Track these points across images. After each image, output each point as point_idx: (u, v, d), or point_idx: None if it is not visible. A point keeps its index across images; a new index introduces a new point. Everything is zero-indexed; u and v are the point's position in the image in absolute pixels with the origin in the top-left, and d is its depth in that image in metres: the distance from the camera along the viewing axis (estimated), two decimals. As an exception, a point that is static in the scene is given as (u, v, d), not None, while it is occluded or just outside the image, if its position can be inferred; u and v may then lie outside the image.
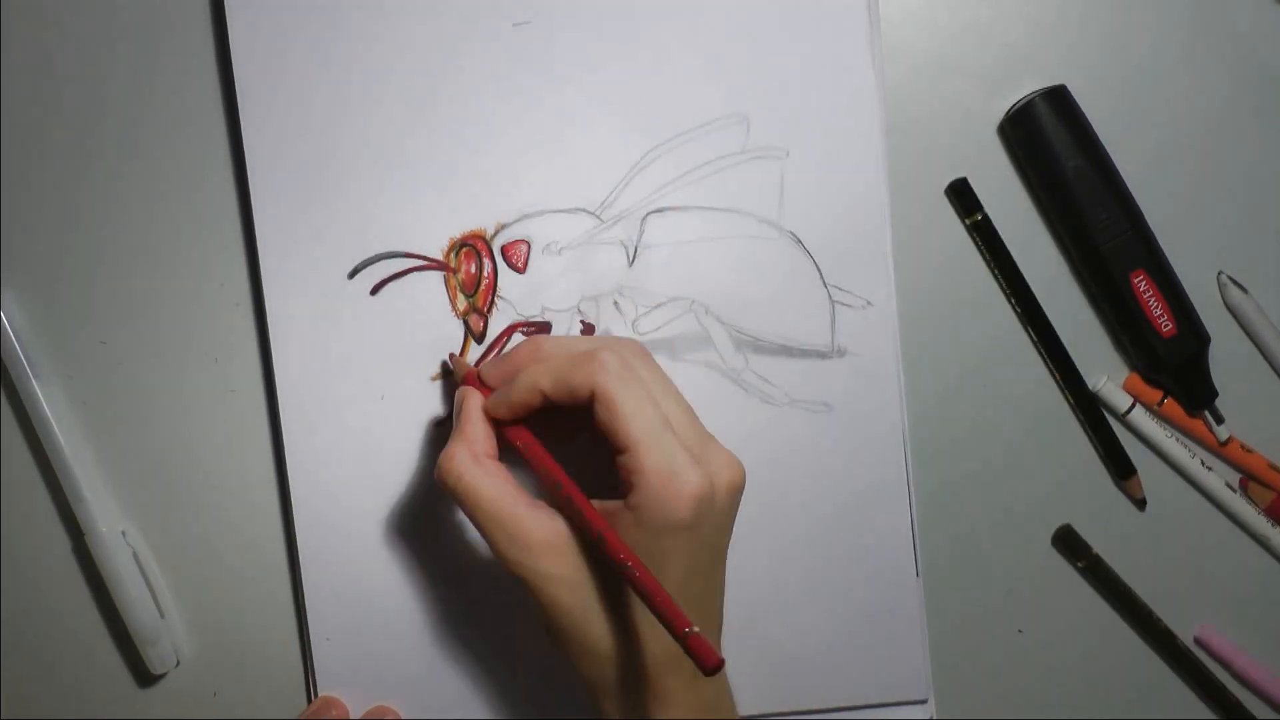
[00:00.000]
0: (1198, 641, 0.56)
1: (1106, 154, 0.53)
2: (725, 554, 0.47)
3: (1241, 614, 0.56)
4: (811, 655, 0.54)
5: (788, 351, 0.53)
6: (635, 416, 0.44)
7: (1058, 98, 0.53)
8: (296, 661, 0.54)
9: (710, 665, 0.41)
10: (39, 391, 0.53)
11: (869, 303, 0.53)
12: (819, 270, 0.53)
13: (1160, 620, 0.55)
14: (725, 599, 0.48)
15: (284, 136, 0.52)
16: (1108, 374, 0.54)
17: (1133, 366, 0.55)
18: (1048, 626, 0.56)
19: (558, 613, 0.45)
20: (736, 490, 0.46)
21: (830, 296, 0.53)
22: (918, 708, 0.54)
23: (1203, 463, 0.55)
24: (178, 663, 0.55)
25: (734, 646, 0.51)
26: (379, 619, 0.53)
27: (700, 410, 0.52)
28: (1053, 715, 0.56)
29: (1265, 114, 0.54)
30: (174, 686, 0.55)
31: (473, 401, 0.48)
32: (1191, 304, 0.54)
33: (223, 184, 0.53)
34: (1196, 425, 0.55)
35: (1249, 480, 0.55)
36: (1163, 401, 0.54)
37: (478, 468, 0.46)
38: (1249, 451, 0.55)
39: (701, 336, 0.53)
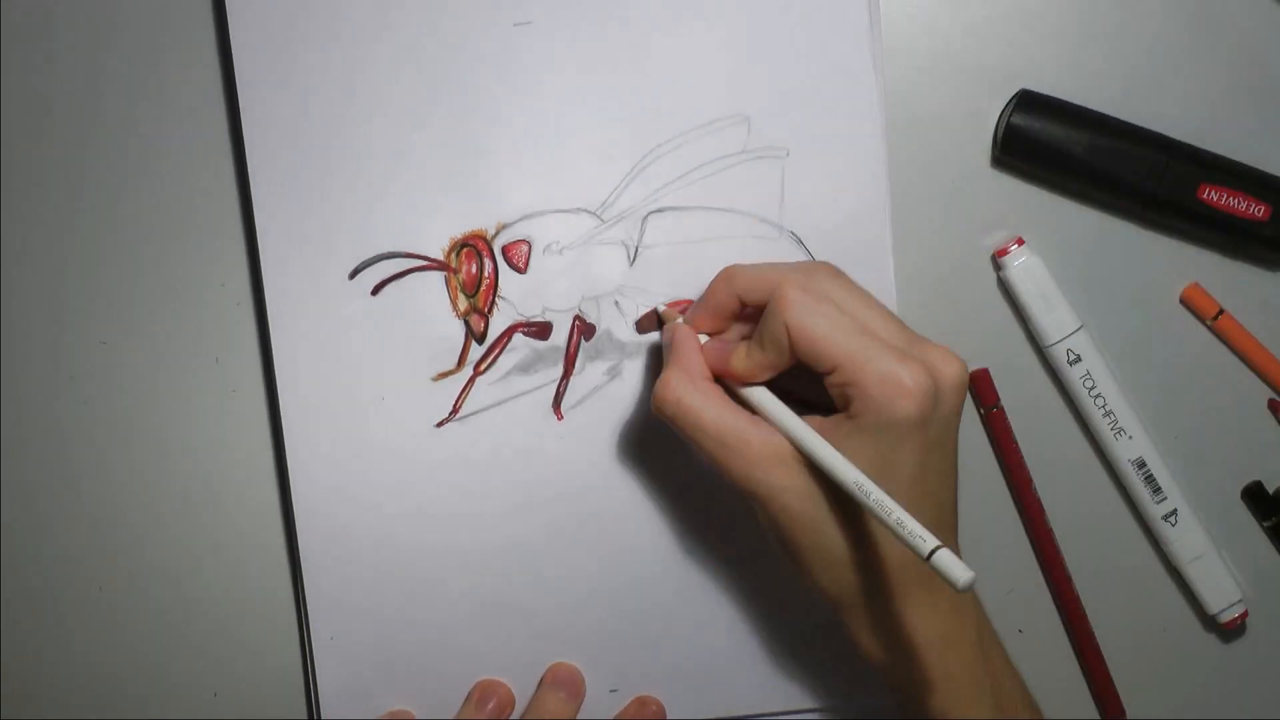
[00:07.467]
0: None
1: (1101, 114, 0.53)
2: (956, 456, 0.46)
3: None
4: (813, 654, 0.54)
5: (788, 351, 0.53)
6: (832, 336, 0.44)
7: (1030, 103, 0.52)
8: (297, 661, 0.54)
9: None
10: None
11: (869, 303, 0.53)
12: (819, 270, 0.53)
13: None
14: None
15: (285, 136, 0.52)
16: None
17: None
18: (1046, 627, 0.56)
19: (793, 525, 0.45)
20: (960, 385, 0.45)
21: (831, 296, 0.53)
22: (918, 707, 0.54)
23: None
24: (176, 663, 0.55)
25: (736, 645, 0.51)
26: (380, 619, 0.53)
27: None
28: (1054, 715, 0.55)
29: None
30: (174, 686, 0.55)
31: (686, 331, 0.48)
32: (1268, 174, 0.53)
33: (223, 184, 0.53)
34: (1246, 340, 0.54)
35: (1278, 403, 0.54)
36: (1218, 316, 0.54)
37: (696, 390, 0.46)
38: None
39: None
